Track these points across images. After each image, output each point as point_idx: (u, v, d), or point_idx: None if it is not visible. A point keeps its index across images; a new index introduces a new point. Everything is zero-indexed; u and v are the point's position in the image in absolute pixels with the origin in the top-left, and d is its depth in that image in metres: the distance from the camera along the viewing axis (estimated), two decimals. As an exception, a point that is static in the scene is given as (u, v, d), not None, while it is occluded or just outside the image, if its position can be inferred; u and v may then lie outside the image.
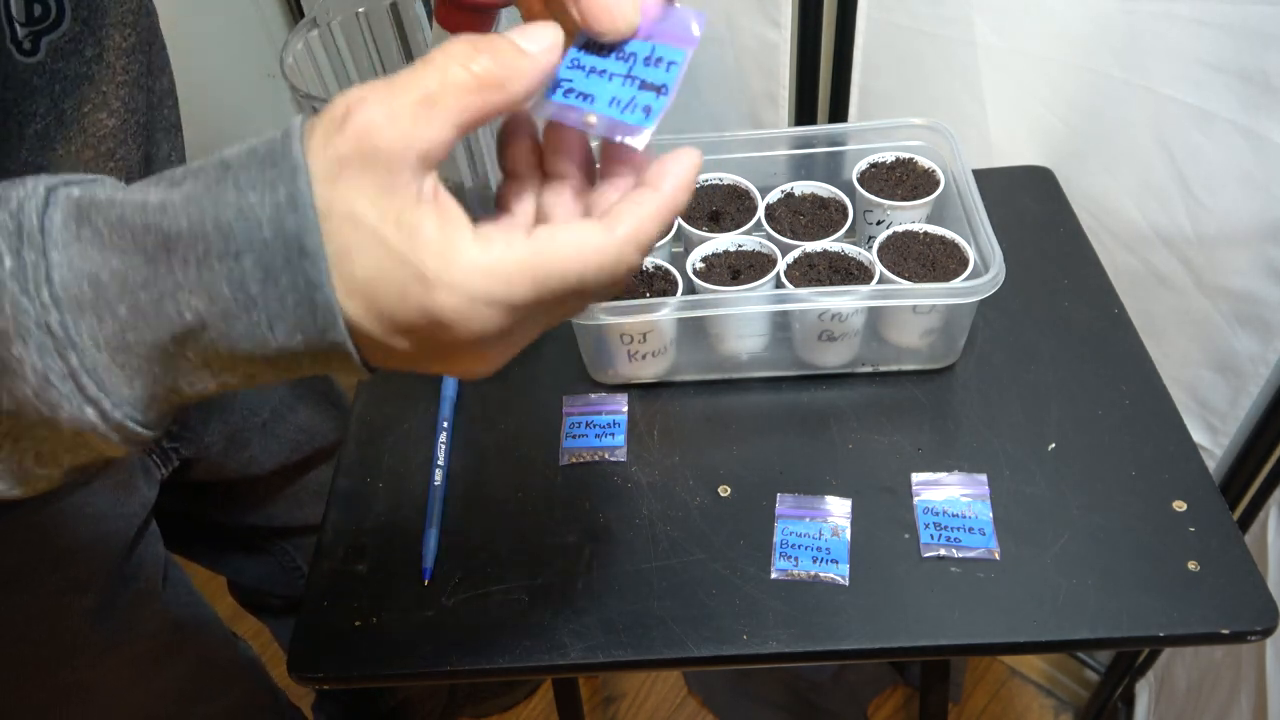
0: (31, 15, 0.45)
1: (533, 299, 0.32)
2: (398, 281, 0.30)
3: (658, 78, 0.36)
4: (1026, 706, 1.36)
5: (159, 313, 0.30)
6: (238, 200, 0.30)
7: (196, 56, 1.51)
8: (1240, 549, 0.62)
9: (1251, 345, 0.83)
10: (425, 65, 0.32)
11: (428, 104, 0.31)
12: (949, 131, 0.78)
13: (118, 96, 0.52)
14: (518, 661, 0.61)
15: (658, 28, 0.37)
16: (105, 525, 0.64)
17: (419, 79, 0.31)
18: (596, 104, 0.36)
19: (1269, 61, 0.71)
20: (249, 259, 0.30)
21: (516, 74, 0.33)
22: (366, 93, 0.31)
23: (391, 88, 0.31)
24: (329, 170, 0.30)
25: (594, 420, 0.74)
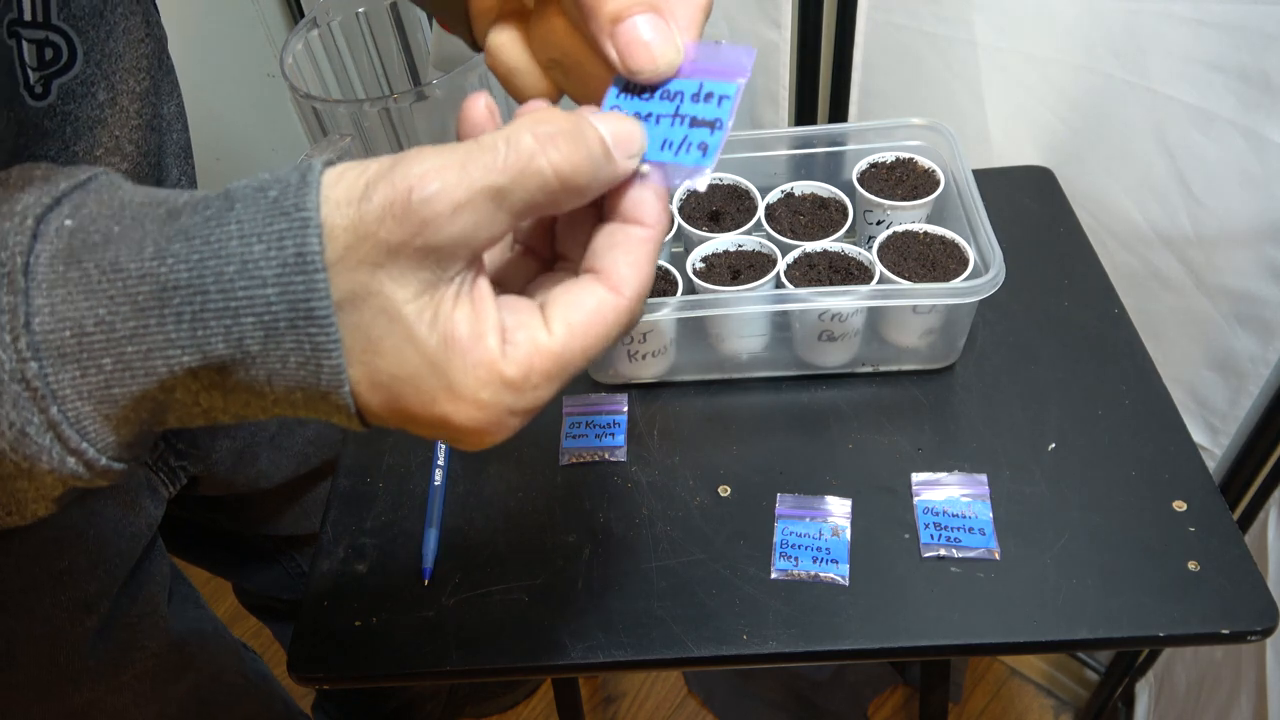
0: (43, 59, 0.45)
1: (555, 392, 0.32)
2: (425, 388, 0.29)
3: (709, 113, 0.34)
4: (1026, 706, 1.36)
5: (147, 368, 0.28)
6: (241, 252, 0.28)
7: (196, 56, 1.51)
8: (1240, 549, 0.62)
9: (1251, 345, 0.83)
10: (506, 145, 0.29)
11: (499, 198, 0.29)
12: (949, 131, 0.78)
13: (130, 140, 0.51)
14: (518, 661, 0.61)
15: (703, 65, 0.35)
16: (110, 545, 0.63)
17: (495, 162, 0.29)
18: (647, 152, 0.34)
19: (1269, 61, 0.71)
20: (249, 318, 0.28)
21: (598, 182, 0.31)
22: (433, 171, 0.28)
23: (464, 169, 0.28)
24: (374, 254, 0.28)
25: (594, 420, 0.74)
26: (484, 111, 0.34)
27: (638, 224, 0.33)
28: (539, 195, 0.30)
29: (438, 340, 0.29)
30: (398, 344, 0.29)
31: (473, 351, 0.29)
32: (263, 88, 1.48)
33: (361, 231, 0.28)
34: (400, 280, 0.28)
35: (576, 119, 0.31)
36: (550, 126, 0.30)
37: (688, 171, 0.34)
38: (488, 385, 0.30)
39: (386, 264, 0.28)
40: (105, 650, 0.65)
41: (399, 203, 0.27)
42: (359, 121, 0.75)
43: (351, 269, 0.28)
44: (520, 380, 0.30)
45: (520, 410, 0.31)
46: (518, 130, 0.29)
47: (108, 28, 0.48)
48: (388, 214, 0.28)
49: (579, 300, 0.32)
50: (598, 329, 0.32)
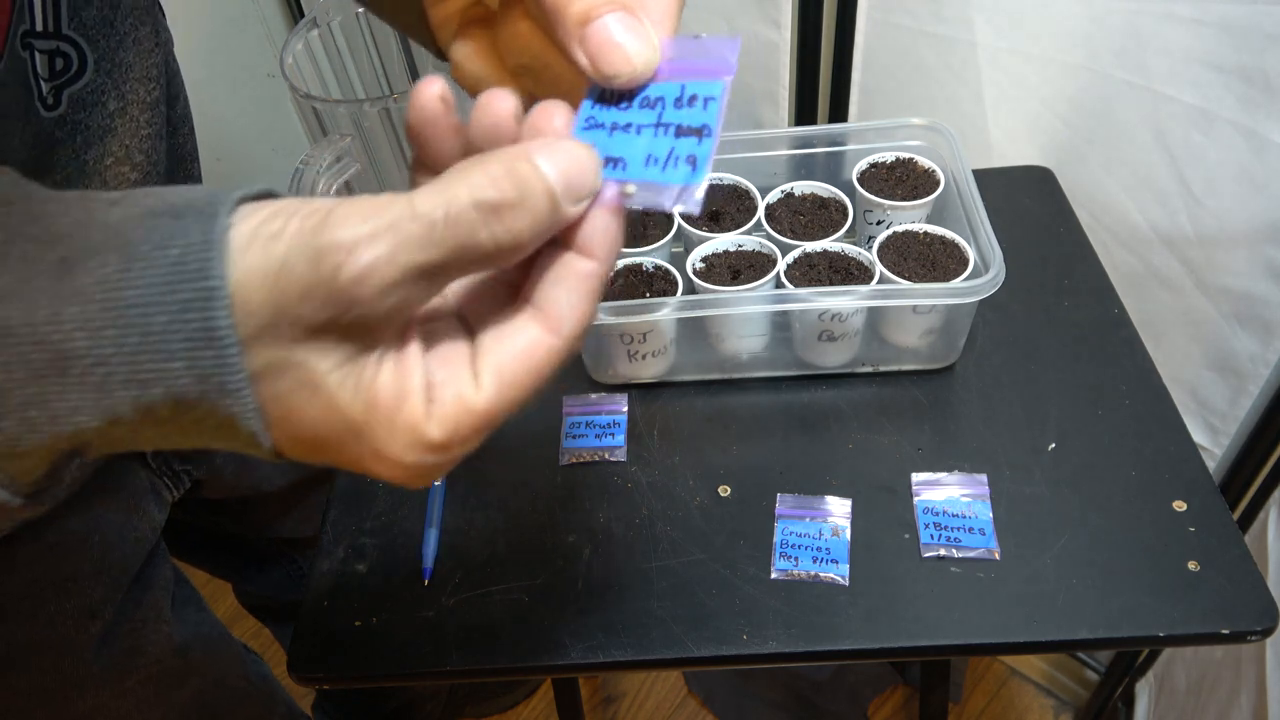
0: (54, 69, 0.45)
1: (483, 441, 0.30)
2: (349, 450, 0.29)
3: (695, 119, 0.31)
4: (1026, 706, 1.36)
5: (54, 431, 0.27)
6: (142, 323, 0.25)
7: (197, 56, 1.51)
8: (1240, 549, 0.62)
9: (1251, 345, 0.83)
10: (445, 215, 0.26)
11: (433, 274, 0.27)
12: (949, 131, 0.78)
13: (140, 150, 0.51)
14: (518, 661, 0.61)
15: (684, 64, 0.32)
16: (113, 550, 0.63)
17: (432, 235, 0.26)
18: (630, 169, 0.31)
19: (1269, 61, 0.71)
20: (158, 389, 0.26)
21: (541, 240, 0.29)
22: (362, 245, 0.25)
23: (395, 245, 0.26)
24: (294, 332, 0.26)
25: (594, 420, 0.74)
26: (437, 103, 0.31)
27: (586, 256, 0.30)
28: (476, 266, 0.28)
29: (361, 407, 0.28)
30: (319, 412, 0.28)
31: (397, 416, 0.28)
32: (263, 88, 1.48)
33: (280, 308, 0.26)
34: (322, 353, 0.27)
35: (524, 177, 0.28)
36: (493, 191, 0.27)
37: (677, 191, 0.30)
38: (412, 448, 0.29)
39: (308, 340, 0.26)
40: (109, 656, 0.65)
41: (323, 283, 0.25)
42: (359, 121, 0.75)
43: (269, 345, 0.26)
44: (445, 441, 0.29)
45: (446, 464, 0.30)
46: (458, 195, 0.27)
47: (118, 37, 0.48)
48: (310, 294, 0.25)
49: (511, 344, 0.30)
50: (530, 376, 0.30)
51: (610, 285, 0.75)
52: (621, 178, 0.31)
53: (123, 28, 0.49)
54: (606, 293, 0.74)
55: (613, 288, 0.75)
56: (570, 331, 0.30)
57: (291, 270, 0.25)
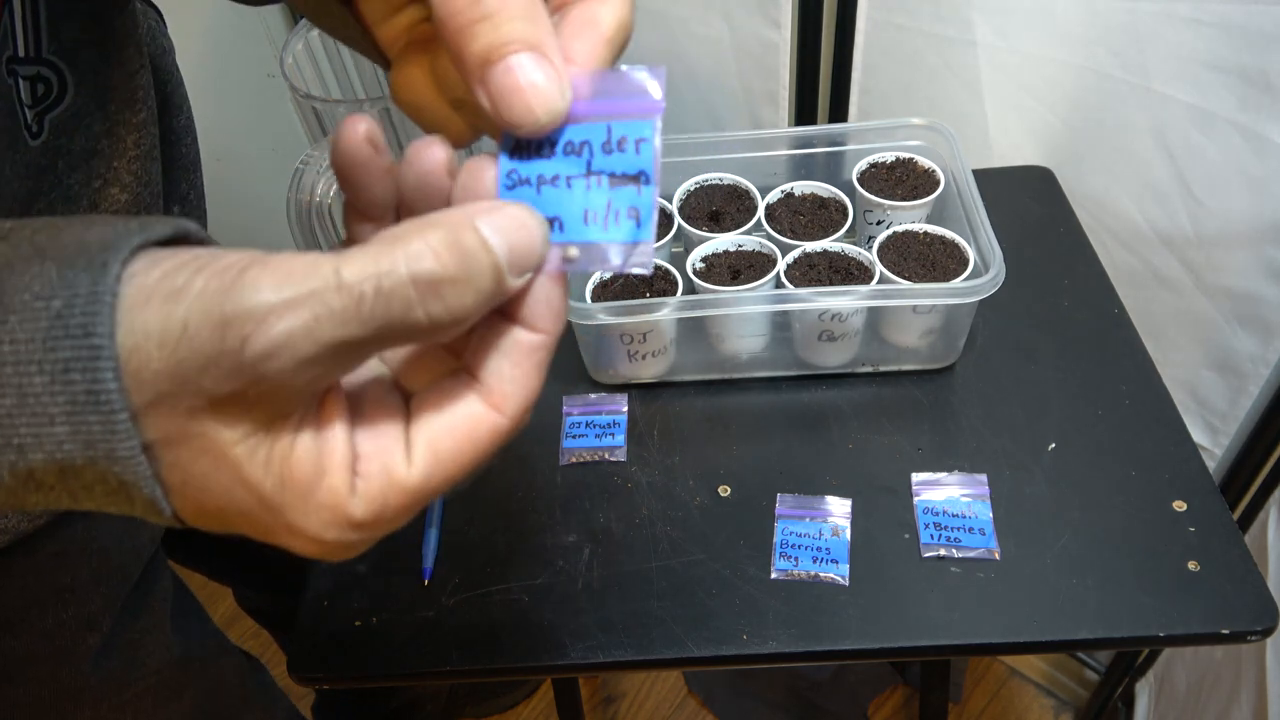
0: (36, 94, 0.44)
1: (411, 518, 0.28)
2: (260, 523, 0.26)
3: (629, 164, 0.28)
4: (1026, 706, 1.36)
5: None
6: (18, 383, 0.23)
7: (197, 56, 1.51)
8: (1240, 549, 0.62)
9: (1251, 345, 0.83)
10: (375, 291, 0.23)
11: (355, 349, 0.24)
12: (949, 131, 0.78)
13: (129, 171, 0.50)
14: (518, 661, 0.61)
15: (607, 103, 0.28)
16: (112, 561, 0.62)
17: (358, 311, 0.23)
18: (569, 229, 0.28)
19: (1269, 61, 0.71)
20: (38, 455, 0.24)
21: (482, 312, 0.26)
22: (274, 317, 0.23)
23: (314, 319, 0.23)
24: (196, 401, 0.23)
25: (594, 420, 0.74)
26: (364, 145, 0.28)
27: (531, 329, 0.27)
28: (405, 342, 0.26)
29: (274, 482, 0.25)
30: (226, 484, 0.25)
31: (315, 492, 0.25)
32: (263, 88, 1.48)
33: (181, 381, 0.23)
34: (228, 423, 0.24)
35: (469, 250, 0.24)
36: (434, 264, 0.24)
37: (623, 250, 0.27)
38: (331, 526, 0.26)
39: (210, 410, 0.24)
40: (108, 667, 0.65)
41: (228, 354, 0.23)
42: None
43: (165, 415, 0.24)
44: (369, 520, 0.26)
45: (370, 541, 0.27)
46: (394, 269, 0.24)
47: (100, 59, 0.48)
48: (213, 366, 0.23)
49: (450, 419, 0.27)
50: (469, 454, 0.27)
51: (610, 285, 0.75)
52: (561, 240, 0.28)
53: (105, 49, 0.48)
54: (607, 293, 0.74)
55: (613, 287, 0.75)
56: (515, 409, 0.28)
57: (194, 337, 0.23)
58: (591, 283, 0.75)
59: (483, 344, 0.28)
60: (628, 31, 0.30)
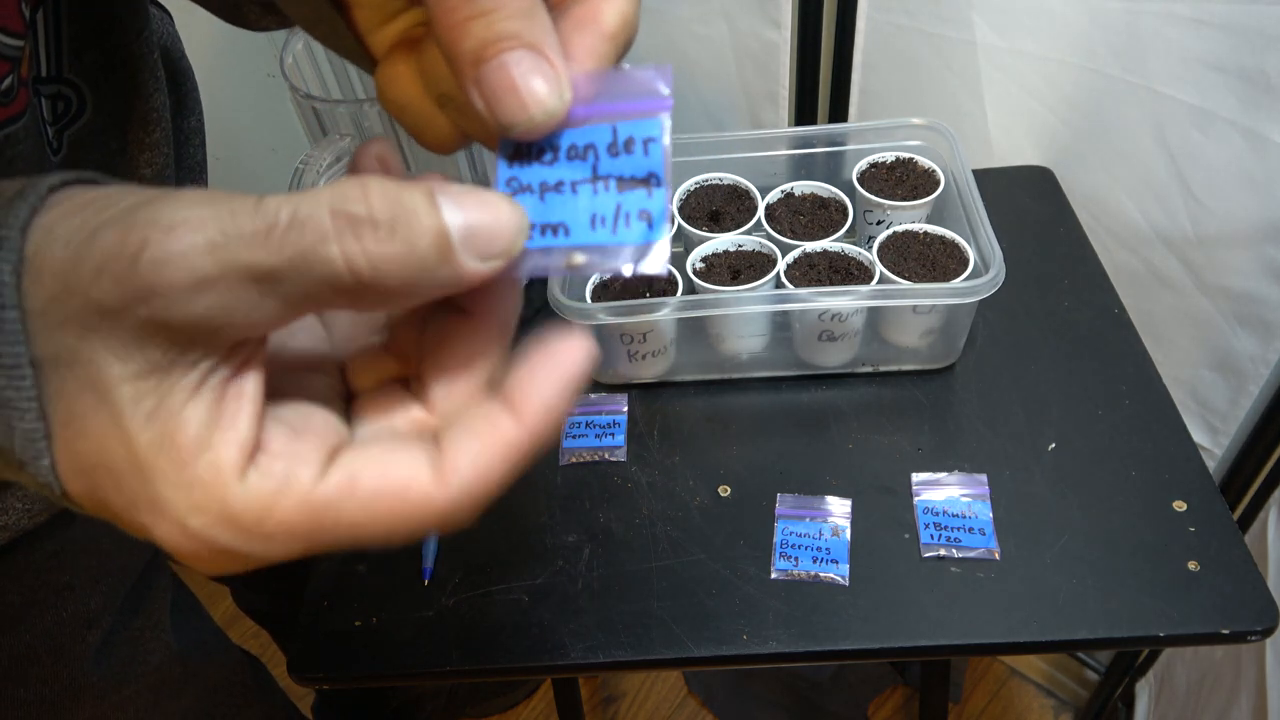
0: (56, 112, 0.44)
1: (299, 552, 0.24)
2: (126, 490, 0.23)
3: (638, 167, 0.26)
4: (1026, 706, 1.36)
5: None
6: None
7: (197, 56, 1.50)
8: (1240, 549, 0.62)
9: (1251, 345, 0.83)
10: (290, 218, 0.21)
11: (265, 281, 0.21)
12: (949, 131, 0.78)
13: None
14: (518, 661, 0.61)
15: (610, 103, 0.27)
16: (111, 559, 0.63)
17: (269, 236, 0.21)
18: (575, 233, 0.26)
19: (1269, 61, 0.71)
20: None
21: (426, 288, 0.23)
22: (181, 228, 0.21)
23: (223, 235, 0.21)
24: (84, 314, 0.21)
25: (594, 420, 0.74)
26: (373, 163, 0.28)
27: (515, 419, 0.25)
28: (325, 290, 0.22)
29: (151, 438, 0.22)
30: (102, 428, 0.22)
31: (193, 465, 0.22)
32: (263, 88, 1.48)
33: (72, 283, 0.21)
34: (118, 352, 0.22)
35: (406, 202, 0.22)
36: (361, 207, 0.22)
37: (632, 251, 0.26)
38: (201, 512, 0.23)
39: (101, 329, 0.21)
40: (108, 665, 0.65)
41: (125, 257, 0.21)
42: (359, 121, 0.75)
43: (56, 325, 0.21)
44: (250, 520, 0.23)
45: (243, 556, 0.24)
46: (315, 202, 0.22)
47: (119, 81, 0.48)
48: (106, 268, 0.21)
49: (386, 463, 0.24)
50: (390, 510, 0.24)
51: (611, 285, 0.75)
52: (566, 244, 0.26)
53: (124, 73, 0.49)
54: (607, 293, 0.74)
55: (613, 288, 0.75)
56: (461, 486, 0.24)
57: (97, 239, 0.21)
58: (592, 283, 0.75)
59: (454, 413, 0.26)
60: (632, 29, 0.28)
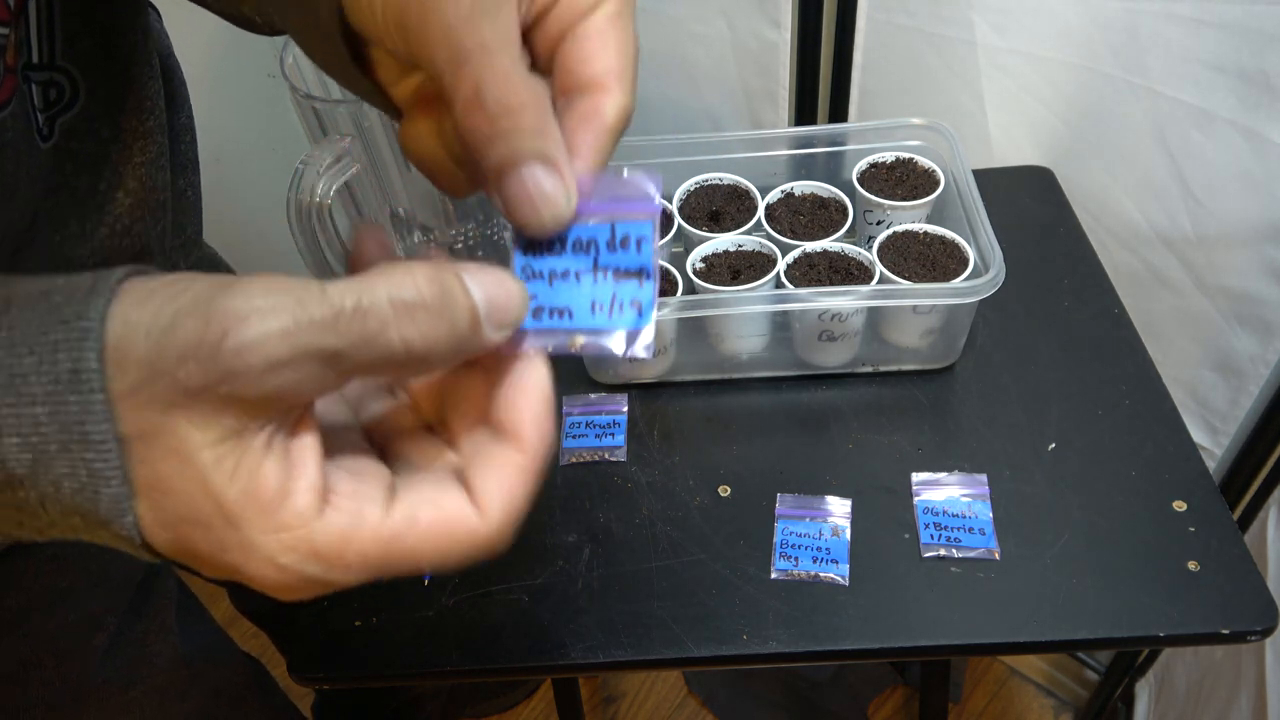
0: (48, 99, 0.44)
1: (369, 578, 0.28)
2: (217, 539, 0.26)
3: (632, 261, 0.31)
4: (1026, 706, 1.36)
5: None
6: (9, 364, 0.24)
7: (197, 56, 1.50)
8: (1240, 549, 0.62)
9: (1251, 345, 0.83)
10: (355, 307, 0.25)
11: (330, 361, 0.25)
12: (949, 131, 0.78)
13: (134, 177, 0.50)
14: (518, 661, 0.61)
15: (610, 202, 0.32)
16: (114, 562, 0.63)
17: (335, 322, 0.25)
18: (577, 318, 0.30)
19: (1269, 61, 0.71)
20: (13, 439, 0.24)
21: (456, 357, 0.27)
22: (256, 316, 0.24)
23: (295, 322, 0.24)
24: (169, 394, 0.24)
25: (594, 420, 0.74)
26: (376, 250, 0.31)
27: (516, 449, 0.29)
28: (380, 365, 0.26)
29: (237, 493, 0.25)
30: (188, 487, 0.25)
31: (278, 512, 0.26)
32: (263, 88, 1.48)
33: (158, 369, 0.24)
34: (198, 423, 0.25)
35: (448, 286, 0.26)
36: (413, 292, 0.26)
37: (624, 336, 0.30)
38: (291, 551, 0.26)
39: (184, 405, 0.24)
40: (114, 668, 0.65)
41: (207, 345, 0.23)
42: (359, 121, 0.75)
43: (142, 405, 0.24)
44: (333, 554, 0.27)
45: (329, 584, 0.27)
46: (374, 292, 0.25)
47: (113, 69, 0.48)
48: (191, 355, 0.24)
49: (438, 500, 0.28)
50: (445, 541, 0.28)
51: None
52: (570, 327, 0.30)
53: (118, 59, 0.48)
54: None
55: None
56: (497, 520, 0.28)
57: (178, 328, 0.24)
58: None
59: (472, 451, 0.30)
60: (629, 119, 0.32)
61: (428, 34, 0.29)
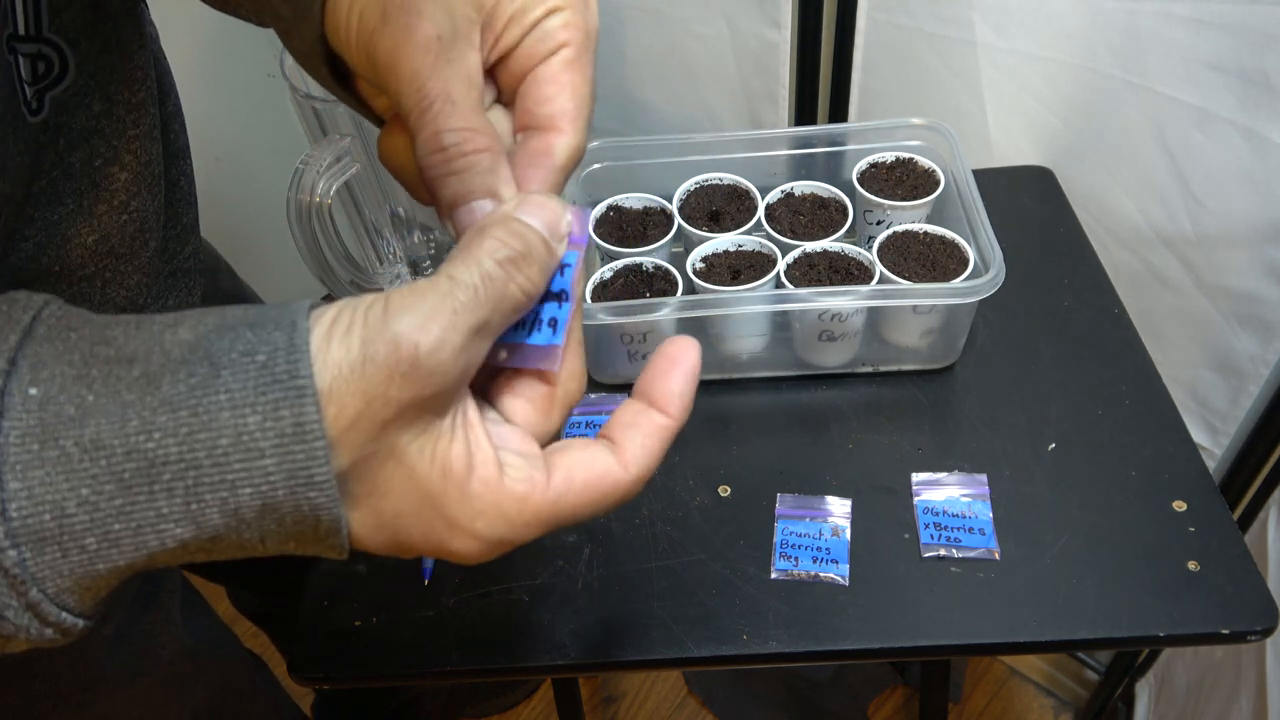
0: (36, 73, 0.44)
1: (542, 533, 0.32)
2: (424, 521, 0.30)
3: (556, 283, 0.34)
4: (1026, 706, 1.36)
5: (136, 543, 0.28)
6: (234, 424, 0.27)
7: (197, 56, 1.50)
8: (1240, 549, 0.62)
9: (1251, 345, 0.83)
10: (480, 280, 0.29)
11: (485, 331, 0.30)
12: (949, 131, 0.78)
13: (129, 150, 0.50)
14: (518, 661, 0.61)
15: None
16: None
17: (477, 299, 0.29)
18: (506, 333, 0.33)
19: (1269, 61, 0.71)
20: (246, 489, 0.27)
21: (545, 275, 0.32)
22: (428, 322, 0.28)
23: (454, 313, 0.28)
24: (385, 411, 0.28)
25: (594, 420, 0.74)
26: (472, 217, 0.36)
27: (663, 413, 0.34)
28: (511, 315, 0.31)
29: (438, 474, 0.30)
30: (401, 483, 0.29)
31: (470, 483, 0.30)
32: (263, 88, 1.48)
33: (371, 395, 0.27)
34: (405, 428, 0.29)
35: (519, 230, 0.31)
36: (506, 249, 0.30)
37: (541, 352, 0.33)
38: (482, 517, 0.30)
39: (395, 418, 0.28)
40: (121, 658, 0.65)
41: (406, 361, 0.27)
42: (359, 121, 0.75)
43: (361, 433, 0.28)
44: (515, 514, 0.31)
45: (510, 543, 0.31)
46: (481, 261, 0.30)
47: (101, 39, 0.48)
48: (396, 373, 0.27)
49: (589, 460, 0.32)
50: (596, 494, 0.32)
51: (611, 286, 0.75)
52: (500, 340, 0.33)
53: (105, 30, 0.48)
54: (607, 293, 0.74)
55: (613, 288, 0.75)
56: (639, 473, 0.33)
57: (375, 358, 0.27)
58: (592, 283, 0.75)
59: (621, 420, 0.34)
60: (580, 157, 0.36)
61: (397, 73, 0.32)
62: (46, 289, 0.49)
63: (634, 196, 0.81)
